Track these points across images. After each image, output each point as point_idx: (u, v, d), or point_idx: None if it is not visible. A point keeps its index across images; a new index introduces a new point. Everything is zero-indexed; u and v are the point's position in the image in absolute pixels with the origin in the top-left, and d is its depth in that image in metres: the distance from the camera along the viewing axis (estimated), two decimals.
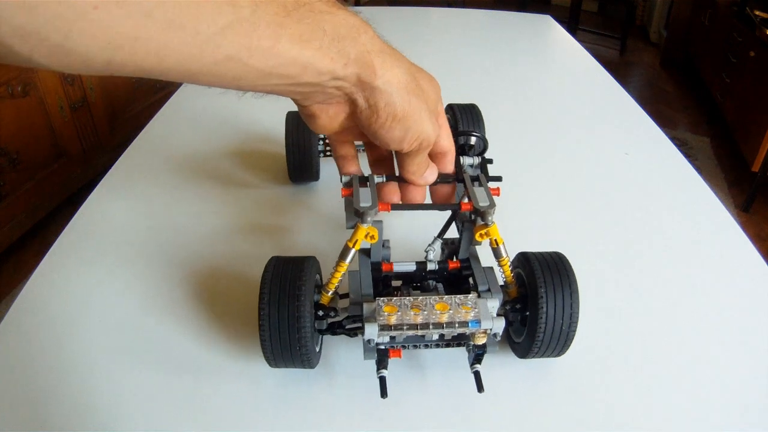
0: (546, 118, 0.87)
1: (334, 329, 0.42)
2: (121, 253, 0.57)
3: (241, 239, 0.59)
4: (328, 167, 0.68)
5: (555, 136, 0.81)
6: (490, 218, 0.40)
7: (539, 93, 0.97)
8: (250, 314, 0.49)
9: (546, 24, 1.32)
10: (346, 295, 0.43)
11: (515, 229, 0.52)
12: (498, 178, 0.49)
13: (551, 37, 1.27)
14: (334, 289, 0.41)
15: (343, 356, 0.46)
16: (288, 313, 0.38)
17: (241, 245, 0.58)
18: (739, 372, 0.46)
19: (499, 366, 0.45)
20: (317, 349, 0.43)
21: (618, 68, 3.02)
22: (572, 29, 3.17)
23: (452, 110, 0.65)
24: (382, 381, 0.39)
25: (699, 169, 1.78)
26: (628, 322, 0.50)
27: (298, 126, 0.63)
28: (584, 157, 0.76)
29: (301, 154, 0.63)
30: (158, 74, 0.26)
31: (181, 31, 0.24)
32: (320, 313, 0.41)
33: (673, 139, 0.81)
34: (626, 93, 0.95)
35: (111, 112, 1.85)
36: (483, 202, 0.40)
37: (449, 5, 3.10)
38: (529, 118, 0.87)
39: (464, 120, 0.63)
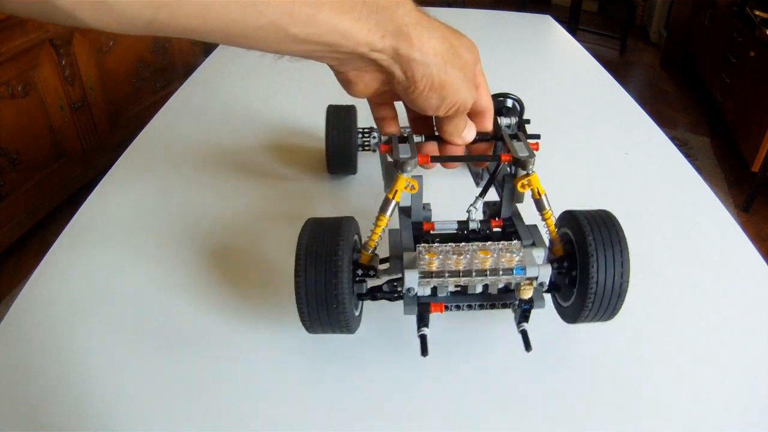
0: (546, 118, 0.87)
1: (374, 294, 0.41)
2: (122, 253, 0.57)
3: (257, 233, 0.59)
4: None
5: (555, 136, 0.81)
6: (531, 167, 0.39)
7: (539, 93, 0.97)
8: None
9: (546, 24, 1.32)
10: (386, 260, 0.42)
11: None
12: (536, 136, 0.47)
13: (551, 37, 1.27)
14: (373, 247, 0.40)
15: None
16: (325, 270, 0.37)
17: (261, 236, 0.58)
18: (739, 372, 0.46)
19: (507, 367, 0.45)
20: (357, 313, 0.41)
21: (618, 68, 3.02)
22: (572, 29, 3.17)
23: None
24: (423, 339, 0.38)
25: (699, 169, 1.78)
26: (626, 322, 0.50)
27: (339, 118, 0.64)
28: (584, 157, 0.76)
29: (341, 147, 0.64)
30: (201, 35, 0.26)
31: None
32: (359, 272, 0.40)
33: (673, 139, 0.81)
34: (626, 93, 0.95)
35: (111, 112, 1.85)
36: (522, 153, 0.39)
37: (449, 5, 3.10)
38: (529, 118, 0.87)
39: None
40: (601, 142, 0.80)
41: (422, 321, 0.39)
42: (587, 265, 0.38)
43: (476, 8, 1.47)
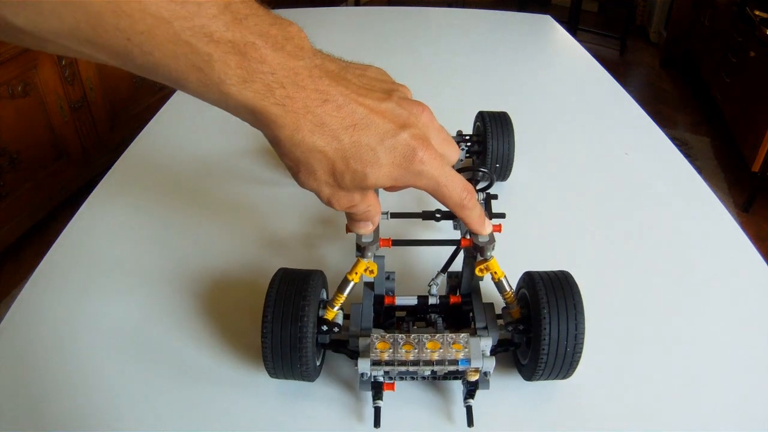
0: (545, 118, 0.87)
1: (337, 347, 0.42)
2: (122, 254, 0.57)
3: (254, 244, 0.59)
4: None
5: (554, 137, 0.81)
6: (489, 253, 0.40)
7: (539, 93, 0.97)
8: (256, 324, 0.49)
9: (546, 24, 1.32)
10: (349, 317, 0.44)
11: (512, 228, 0.52)
12: (501, 215, 0.48)
13: (551, 37, 1.27)
14: (338, 306, 0.41)
15: (345, 370, 0.45)
16: (290, 330, 0.39)
17: (254, 251, 0.58)
18: (739, 372, 0.46)
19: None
20: (318, 363, 0.42)
21: (618, 68, 3.01)
22: (572, 29, 3.16)
23: (482, 117, 0.65)
24: (377, 411, 0.40)
25: (699, 169, 1.78)
26: (625, 321, 0.50)
27: None
28: (584, 157, 0.76)
29: None
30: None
31: None
32: (324, 327, 0.41)
33: (673, 139, 0.81)
34: (626, 93, 0.95)
35: (111, 112, 1.85)
36: (483, 238, 0.39)
37: (449, 5, 3.10)
38: (529, 119, 0.87)
39: (493, 128, 0.63)
40: (601, 142, 0.80)
41: (377, 395, 0.40)
42: (539, 330, 0.39)
43: (476, 8, 1.47)
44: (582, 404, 0.43)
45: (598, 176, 0.72)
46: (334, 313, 0.41)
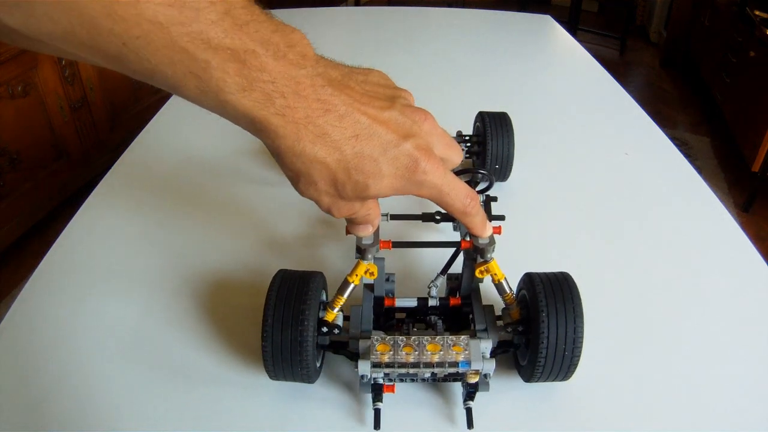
0: (545, 118, 0.87)
1: (337, 349, 0.42)
2: (122, 253, 0.57)
3: (254, 244, 0.59)
4: None
5: (554, 137, 0.81)
6: (489, 255, 0.40)
7: (539, 93, 0.97)
8: (256, 325, 0.49)
9: (546, 24, 1.32)
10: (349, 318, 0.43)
11: (512, 229, 0.52)
12: (501, 217, 0.48)
13: (551, 37, 1.27)
14: (338, 307, 0.41)
15: (345, 372, 0.45)
16: (290, 332, 0.38)
17: (254, 251, 0.58)
18: (739, 372, 0.46)
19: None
20: (318, 365, 0.42)
21: (618, 68, 3.01)
22: (572, 29, 3.16)
23: (482, 118, 0.65)
24: (377, 413, 0.40)
25: (699, 169, 1.77)
26: (625, 321, 0.50)
27: None
28: (584, 158, 0.76)
29: None
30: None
31: None
32: (324, 329, 0.41)
33: (673, 139, 0.81)
34: (626, 93, 0.95)
35: (111, 112, 1.85)
36: (483, 240, 0.39)
37: (449, 5, 3.10)
38: (529, 119, 0.87)
39: (493, 129, 0.63)
40: (601, 142, 0.80)
41: (377, 397, 0.40)
42: (538, 332, 0.39)
43: (476, 8, 1.47)
44: (581, 405, 0.43)
45: (598, 176, 0.72)
46: (333, 315, 0.41)
